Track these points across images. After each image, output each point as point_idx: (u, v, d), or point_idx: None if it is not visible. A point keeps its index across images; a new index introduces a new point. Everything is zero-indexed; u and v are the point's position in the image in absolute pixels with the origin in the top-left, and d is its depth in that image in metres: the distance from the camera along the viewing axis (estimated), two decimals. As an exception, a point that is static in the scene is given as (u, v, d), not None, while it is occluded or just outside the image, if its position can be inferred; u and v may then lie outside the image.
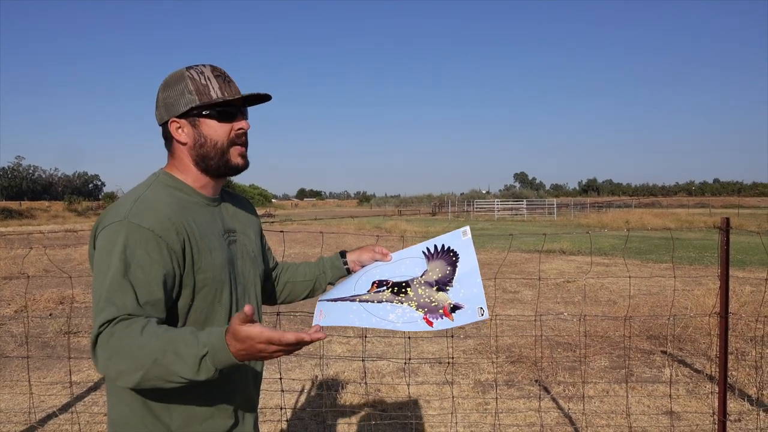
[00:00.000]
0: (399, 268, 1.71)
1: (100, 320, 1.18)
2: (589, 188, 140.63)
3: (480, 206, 44.91)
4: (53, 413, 3.98)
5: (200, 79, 1.37)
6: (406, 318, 1.64)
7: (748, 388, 4.31)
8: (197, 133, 1.39)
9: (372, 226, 25.64)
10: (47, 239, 19.54)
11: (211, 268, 1.35)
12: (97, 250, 1.28)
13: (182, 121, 1.40)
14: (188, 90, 1.37)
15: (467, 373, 4.85)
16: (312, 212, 62.75)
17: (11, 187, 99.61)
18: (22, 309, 7.54)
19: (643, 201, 74.77)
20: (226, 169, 1.42)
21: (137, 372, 1.13)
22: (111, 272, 1.22)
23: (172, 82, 1.40)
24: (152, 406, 1.32)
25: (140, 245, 1.24)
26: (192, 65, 1.41)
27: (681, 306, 6.86)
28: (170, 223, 1.29)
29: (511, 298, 8.20)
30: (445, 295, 1.66)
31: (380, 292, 1.67)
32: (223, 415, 1.40)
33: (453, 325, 1.63)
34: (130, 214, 1.27)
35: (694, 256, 13.23)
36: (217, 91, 1.38)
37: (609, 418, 3.84)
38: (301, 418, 3.90)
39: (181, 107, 1.38)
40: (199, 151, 1.40)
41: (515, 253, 14.26)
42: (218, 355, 1.12)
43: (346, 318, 1.62)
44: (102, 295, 1.20)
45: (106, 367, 1.16)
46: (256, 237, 1.61)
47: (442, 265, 1.69)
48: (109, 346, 1.15)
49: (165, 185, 1.40)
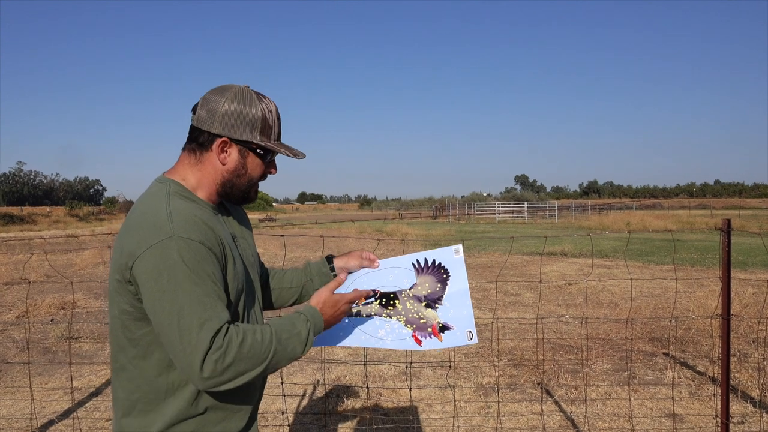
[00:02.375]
0: (387, 277, 1.69)
1: (207, 334, 1.20)
2: (590, 190, 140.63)
3: (481, 209, 44.89)
4: (54, 419, 3.97)
5: (269, 118, 1.39)
6: (396, 335, 1.64)
7: (751, 390, 4.30)
8: (241, 163, 1.40)
9: (373, 230, 25.63)
10: (48, 245, 19.54)
11: (237, 276, 1.36)
12: (151, 269, 1.22)
13: (234, 145, 1.38)
14: (256, 122, 1.37)
15: (469, 376, 4.84)
16: (313, 216, 62.75)
17: (12, 193, 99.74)
18: (24, 314, 7.53)
19: (644, 203, 74.72)
20: (243, 200, 1.47)
21: (259, 366, 1.26)
22: (187, 288, 1.21)
23: (242, 101, 1.37)
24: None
25: (199, 259, 1.25)
26: (261, 94, 1.41)
27: (683, 308, 6.85)
28: (212, 233, 1.31)
29: (513, 301, 8.19)
30: (433, 313, 1.65)
31: (368, 304, 1.66)
32: (237, 417, 1.40)
33: (441, 346, 1.63)
34: (175, 229, 1.24)
35: (696, 257, 13.21)
36: (276, 135, 1.42)
37: (611, 421, 3.83)
38: (303, 423, 3.89)
39: (243, 135, 1.37)
40: (235, 180, 1.41)
41: (516, 255, 14.25)
42: (317, 326, 1.41)
43: (336, 336, 1.63)
44: (192, 311, 1.21)
45: (223, 374, 1.21)
46: (252, 240, 1.62)
47: (432, 281, 1.68)
48: (229, 355, 1.21)
49: (181, 196, 1.36)
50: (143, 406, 1.32)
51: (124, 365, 1.34)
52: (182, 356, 1.21)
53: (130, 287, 1.26)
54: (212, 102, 1.36)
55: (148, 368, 1.32)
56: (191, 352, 1.19)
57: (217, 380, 1.21)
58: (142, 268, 1.22)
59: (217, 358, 1.20)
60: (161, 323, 1.22)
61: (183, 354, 1.20)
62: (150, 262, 1.22)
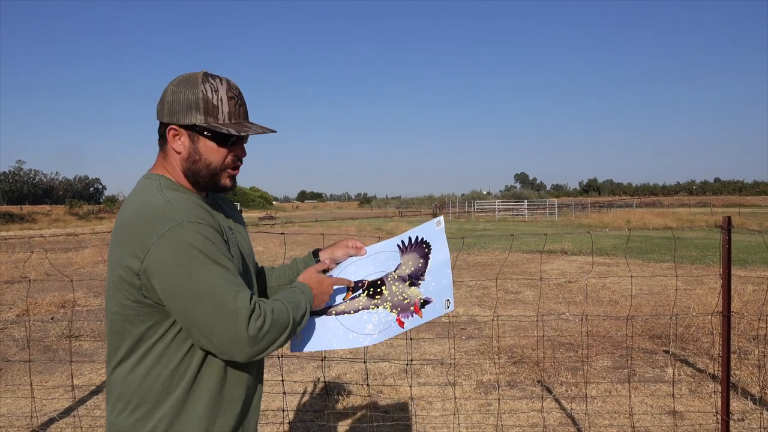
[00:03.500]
0: (374, 263, 1.68)
1: (243, 302, 1.25)
2: (590, 188, 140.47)
3: (481, 207, 44.91)
4: (55, 417, 3.97)
5: (212, 98, 1.32)
6: (383, 325, 1.62)
7: (751, 387, 4.30)
8: (193, 149, 1.35)
9: (373, 228, 25.63)
10: (48, 243, 19.55)
11: (235, 262, 1.38)
12: (169, 257, 1.22)
13: (182, 131, 1.35)
14: (197, 104, 1.32)
15: (469, 374, 4.84)
16: (313, 214, 62.78)
17: (12, 192, 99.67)
18: (24, 313, 7.54)
19: (644, 200, 74.73)
20: (214, 188, 1.42)
21: (284, 334, 1.32)
22: (210, 267, 1.24)
23: (185, 85, 1.34)
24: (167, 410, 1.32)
25: (212, 239, 1.27)
26: (211, 75, 1.35)
27: (683, 305, 6.85)
28: (212, 217, 1.34)
29: (513, 299, 8.19)
30: (417, 290, 1.64)
31: (356, 298, 1.64)
32: (232, 413, 1.39)
33: (422, 321, 1.62)
34: (182, 215, 1.25)
35: (696, 255, 13.21)
36: (225, 116, 1.34)
37: (612, 418, 3.83)
38: (303, 420, 3.90)
39: (185, 119, 1.33)
40: (192, 166, 1.37)
41: (516, 253, 14.25)
42: (310, 299, 1.46)
43: (323, 339, 1.59)
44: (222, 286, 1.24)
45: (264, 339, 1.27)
46: (246, 234, 1.62)
47: (415, 258, 1.67)
48: (267, 321, 1.27)
49: (172, 189, 1.35)
50: (138, 404, 1.31)
51: (121, 361, 1.33)
52: (224, 330, 1.23)
53: (136, 282, 1.24)
54: (162, 93, 1.37)
55: (145, 365, 1.31)
56: (234, 323, 1.22)
57: (260, 346, 1.26)
58: (157, 258, 1.21)
59: (261, 325, 1.25)
60: (191, 307, 1.23)
61: (224, 328, 1.23)
62: (166, 250, 1.21)
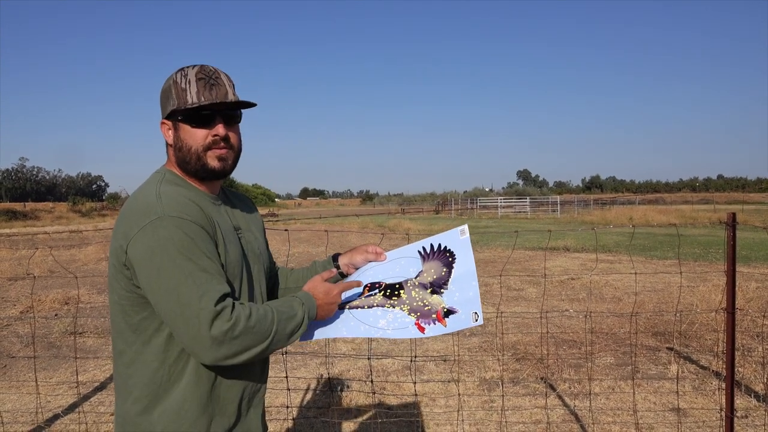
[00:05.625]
0: (393, 269, 1.65)
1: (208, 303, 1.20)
2: (593, 185, 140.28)
3: (483, 204, 44.86)
4: (60, 413, 3.99)
5: (181, 83, 1.38)
6: (398, 324, 1.58)
7: (755, 384, 4.29)
8: (176, 136, 1.41)
9: (375, 225, 25.63)
10: (52, 240, 19.60)
11: (230, 263, 1.37)
12: (145, 250, 1.24)
13: (169, 122, 1.42)
14: (170, 92, 1.39)
15: (473, 370, 4.84)
16: (315, 211, 62.81)
17: (15, 189, 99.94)
18: (28, 309, 7.56)
19: (647, 197, 74.54)
20: (204, 172, 1.40)
21: (263, 343, 1.27)
22: (181, 264, 1.22)
23: (167, 82, 1.42)
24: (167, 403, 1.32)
25: (191, 235, 1.26)
26: (185, 66, 1.41)
27: (686, 302, 6.84)
28: (202, 213, 1.32)
29: (516, 296, 8.19)
30: (439, 299, 1.60)
31: (371, 296, 1.61)
32: (234, 407, 1.40)
33: (446, 331, 1.56)
34: (165, 209, 1.26)
35: (699, 252, 13.18)
36: (193, 96, 1.36)
37: (615, 415, 3.83)
38: (307, 417, 3.91)
39: (165, 110, 1.41)
40: (178, 154, 1.41)
41: (519, 250, 14.23)
42: (311, 310, 1.42)
43: (335, 328, 1.57)
44: (189, 285, 1.21)
45: (231, 345, 1.22)
46: (260, 234, 1.61)
47: (438, 266, 1.63)
48: (238, 326, 1.22)
49: (174, 183, 1.39)
50: (143, 393, 1.32)
51: (123, 351, 1.35)
52: (186, 330, 1.21)
53: (126, 272, 1.28)
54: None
55: (147, 354, 1.32)
56: (196, 324, 1.20)
57: (225, 351, 1.22)
58: (136, 250, 1.25)
59: (228, 328, 1.20)
60: (161, 302, 1.23)
61: (187, 328, 1.21)
62: (143, 243, 1.24)
